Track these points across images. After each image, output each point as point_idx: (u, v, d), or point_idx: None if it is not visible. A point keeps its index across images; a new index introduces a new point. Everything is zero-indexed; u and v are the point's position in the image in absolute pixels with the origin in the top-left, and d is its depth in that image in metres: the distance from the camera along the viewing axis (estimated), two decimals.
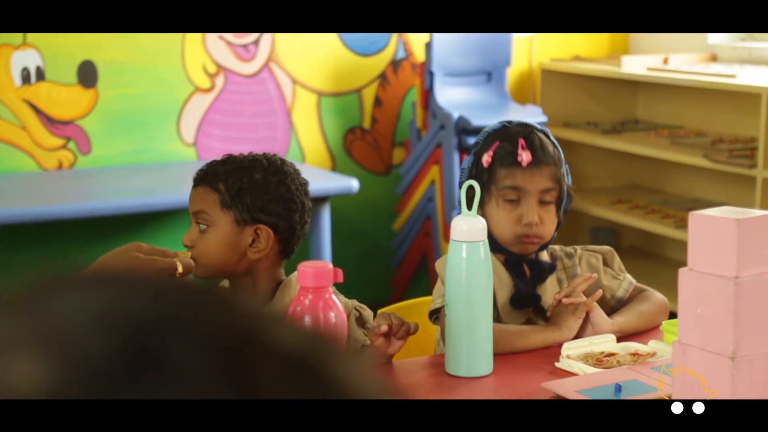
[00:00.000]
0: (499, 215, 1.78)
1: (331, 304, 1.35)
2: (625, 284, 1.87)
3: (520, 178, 1.76)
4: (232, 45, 4.00)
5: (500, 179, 1.78)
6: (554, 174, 1.79)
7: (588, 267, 1.86)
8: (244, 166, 1.73)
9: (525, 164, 1.76)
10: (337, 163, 4.22)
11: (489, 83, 4.24)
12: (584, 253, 1.89)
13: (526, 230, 1.76)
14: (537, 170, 1.77)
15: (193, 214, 1.73)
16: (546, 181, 1.78)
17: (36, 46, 3.70)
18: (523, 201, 1.77)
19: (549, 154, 1.79)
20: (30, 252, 3.73)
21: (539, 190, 1.77)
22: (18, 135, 3.72)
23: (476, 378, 1.59)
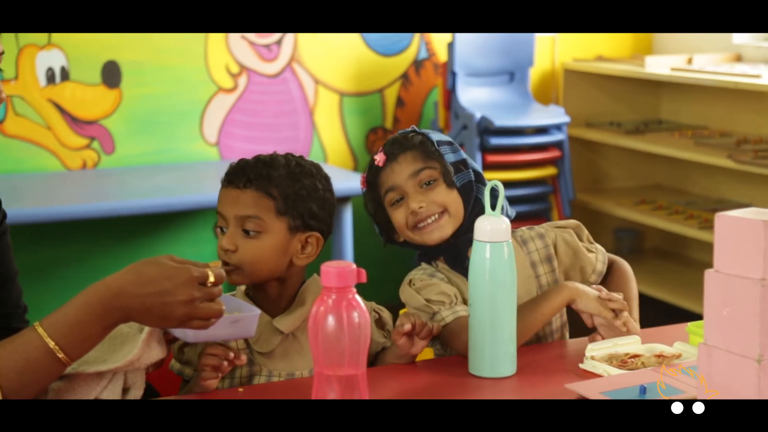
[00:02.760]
0: (395, 220, 1.77)
1: (355, 305, 1.35)
2: (601, 256, 1.84)
3: (388, 175, 1.75)
4: (255, 45, 4.01)
5: (378, 189, 1.78)
6: (418, 155, 1.75)
7: (565, 245, 1.82)
8: (295, 170, 1.68)
9: (382, 163, 1.76)
10: (359, 163, 4.22)
11: (511, 83, 4.23)
12: (556, 231, 1.84)
13: (415, 218, 1.73)
14: (398, 161, 1.75)
15: (238, 218, 1.64)
16: (412, 165, 1.74)
17: (61, 47, 3.73)
18: (405, 193, 1.75)
19: (405, 142, 1.77)
20: (54, 251, 3.76)
21: (409, 176, 1.74)
22: (43, 135, 3.74)
23: (499, 379, 1.58)
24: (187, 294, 1.37)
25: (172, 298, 1.36)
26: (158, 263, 1.39)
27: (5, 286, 1.61)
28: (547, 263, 1.81)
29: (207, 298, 1.39)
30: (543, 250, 1.81)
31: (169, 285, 1.37)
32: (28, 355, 1.35)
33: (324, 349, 1.34)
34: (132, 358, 1.43)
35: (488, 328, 1.58)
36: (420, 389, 1.59)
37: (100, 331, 1.38)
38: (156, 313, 1.37)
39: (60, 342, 1.35)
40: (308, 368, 1.67)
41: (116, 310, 1.37)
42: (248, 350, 1.66)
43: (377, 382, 1.55)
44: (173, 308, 1.37)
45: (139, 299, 1.36)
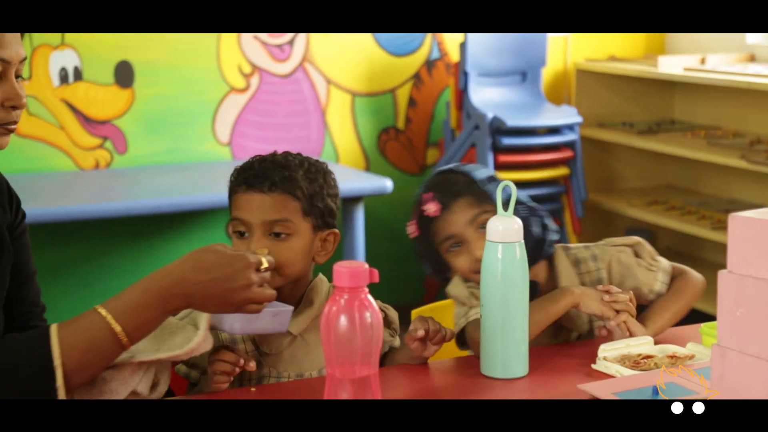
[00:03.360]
0: (458, 265, 1.75)
1: (367, 304, 1.35)
2: (661, 275, 1.81)
3: (444, 225, 1.73)
4: (267, 45, 4.02)
5: (433, 237, 1.76)
6: (472, 200, 1.73)
7: (619, 266, 1.82)
8: (311, 170, 1.68)
9: (437, 213, 1.74)
10: (371, 163, 4.23)
11: (524, 83, 4.22)
12: (612, 250, 1.83)
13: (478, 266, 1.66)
14: (451, 212, 1.73)
15: (267, 223, 1.63)
16: (468, 212, 1.73)
17: (74, 47, 3.74)
18: (464, 240, 1.73)
19: (455, 188, 1.74)
20: (66, 250, 3.77)
21: (467, 223, 1.72)
22: (56, 134, 3.76)
23: (511, 379, 1.58)
24: (245, 279, 1.41)
25: (233, 284, 1.41)
26: (216, 251, 1.43)
27: (24, 285, 1.63)
28: (593, 261, 1.81)
29: (261, 281, 1.44)
30: (594, 273, 1.81)
31: (229, 271, 1.41)
32: (91, 336, 1.38)
33: (336, 349, 1.34)
34: (193, 346, 1.46)
35: (500, 329, 1.58)
36: (432, 390, 1.59)
37: (160, 316, 1.42)
38: (217, 299, 1.41)
39: (123, 325, 1.39)
40: (317, 369, 1.67)
41: (178, 297, 1.41)
42: (256, 352, 1.66)
43: (389, 383, 1.55)
44: (233, 293, 1.41)
45: (200, 286, 1.40)
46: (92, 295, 3.76)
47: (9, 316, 1.58)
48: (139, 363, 1.45)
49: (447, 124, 4.19)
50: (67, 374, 1.37)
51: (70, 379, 1.37)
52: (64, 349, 1.37)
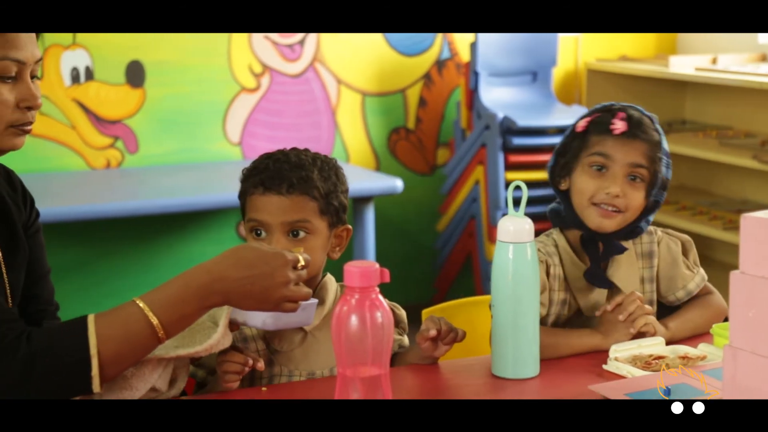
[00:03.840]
0: (582, 180, 1.75)
1: (378, 304, 1.35)
2: (698, 278, 1.83)
3: (610, 145, 1.74)
4: (278, 45, 4.02)
5: (591, 146, 1.76)
6: (648, 151, 1.75)
7: (668, 252, 1.83)
8: (324, 167, 1.68)
9: (618, 132, 1.74)
10: (381, 163, 4.23)
11: (534, 83, 4.22)
12: (664, 235, 1.85)
13: (606, 199, 1.72)
14: (630, 142, 1.74)
15: (286, 224, 1.63)
16: (637, 156, 1.74)
17: (85, 46, 3.75)
18: (610, 171, 1.73)
19: (647, 131, 1.75)
20: (78, 249, 3.78)
21: (628, 163, 1.73)
22: (67, 134, 3.77)
23: (522, 380, 1.58)
24: (283, 276, 1.43)
25: (271, 281, 1.42)
26: (254, 248, 1.44)
27: (38, 284, 1.64)
28: (648, 258, 1.82)
29: (298, 279, 1.45)
30: (647, 245, 1.82)
31: (268, 269, 1.42)
32: (128, 328, 1.39)
33: (347, 349, 1.34)
34: (212, 342, 1.47)
35: (511, 329, 1.58)
36: (443, 390, 1.59)
37: (197, 312, 1.43)
38: (255, 296, 1.42)
39: (160, 318, 1.40)
40: (328, 367, 1.67)
41: (216, 294, 1.42)
42: (267, 351, 1.67)
43: (400, 383, 1.55)
44: (271, 291, 1.42)
45: (238, 282, 1.41)
46: (104, 293, 3.77)
47: (23, 315, 1.59)
48: (158, 359, 1.46)
49: (457, 124, 4.19)
50: (102, 364, 1.38)
51: (105, 369, 1.38)
52: (100, 339, 1.38)
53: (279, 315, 1.50)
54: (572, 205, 1.78)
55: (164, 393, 1.50)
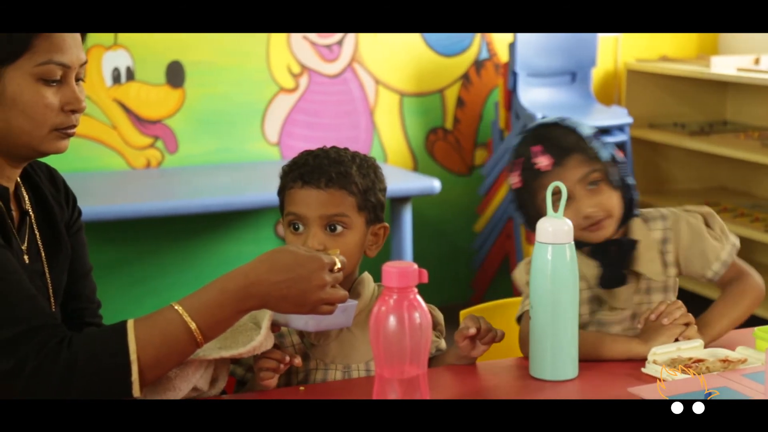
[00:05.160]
0: None
1: (416, 305, 1.35)
2: (728, 247, 1.79)
3: (553, 178, 1.68)
4: (316, 45, 4.04)
5: (537, 191, 1.73)
6: (583, 156, 1.73)
7: (689, 228, 1.79)
8: (362, 164, 1.69)
9: (548, 168, 1.72)
10: (418, 164, 4.22)
11: (573, 84, 4.19)
12: (682, 213, 1.81)
13: (588, 221, 1.72)
14: (564, 165, 1.71)
15: (324, 217, 1.64)
16: (579, 168, 1.72)
17: (126, 47, 3.79)
18: (570, 197, 1.70)
19: (565, 142, 1.73)
20: (118, 248, 3.82)
21: (578, 180, 1.72)
22: (108, 134, 3.81)
23: (561, 381, 1.57)
24: (320, 280, 1.43)
25: (308, 284, 1.42)
26: (291, 251, 1.45)
27: (80, 282, 1.66)
28: (661, 244, 1.79)
29: (335, 281, 1.45)
30: (660, 232, 1.80)
31: (304, 272, 1.42)
32: (167, 333, 1.40)
33: (385, 349, 1.34)
34: (255, 344, 1.49)
35: (550, 331, 1.57)
36: (480, 390, 1.59)
37: (234, 316, 1.43)
38: (292, 300, 1.43)
39: (198, 323, 1.41)
40: (364, 361, 1.67)
41: (253, 298, 1.42)
42: (303, 345, 1.67)
43: (438, 383, 1.55)
44: (308, 294, 1.43)
45: (276, 286, 1.42)
46: (144, 292, 3.80)
47: (65, 312, 1.61)
48: (201, 360, 1.47)
49: (495, 124, 4.17)
50: (141, 369, 1.39)
51: (144, 374, 1.39)
52: (140, 344, 1.39)
53: (319, 317, 1.51)
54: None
55: (205, 392, 1.51)
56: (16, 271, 1.42)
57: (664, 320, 1.66)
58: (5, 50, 1.45)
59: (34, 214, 1.58)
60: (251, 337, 1.49)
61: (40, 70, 1.47)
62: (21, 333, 1.36)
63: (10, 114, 1.47)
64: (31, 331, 1.37)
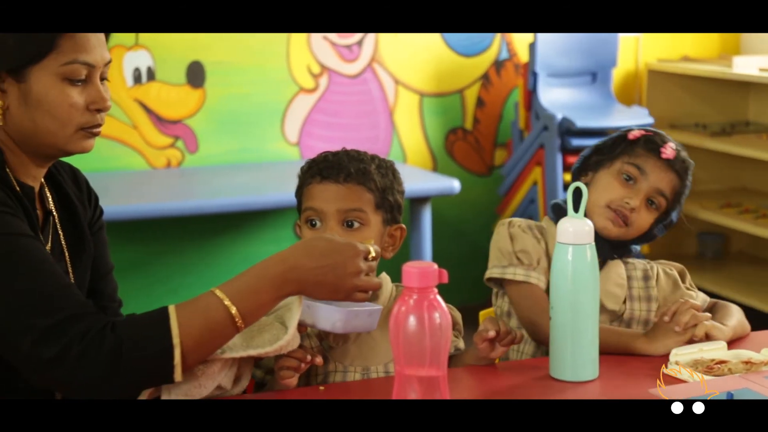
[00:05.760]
0: (608, 182, 1.81)
1: (436, 305, 1.35)
2: (701, 298, 1.87)
3: (651, 164, 1.81)
4: (336, 45, 4.04)
5: (634, 156, 1.82)
6: (676, 187, 1.83)
7: (665, 276, 1.88)
8: (381, 165, 1.70)
9: (665, 156, 1.81)
10: (438, 164, 4.22)
11: (594, 84, 4.18)
12: (658, 265, 1.90)
13: (623, 207, 1.79)
14: (667, 170, 1.81)
15: (341, 212, 1.64)
16: (666, 185, 1.82)
17: (147, 47, 3.80)
18: (638, 185, 1.80)
19: (685, 171, 1.85)
20: (139, 247, 3.84)
21: (656, 187, 1.81)
22: (129, 134, 3.82)
23: (581, 383, 1.57)
24: (355, 266, 1.46)
25: (343, 271, 1.45)
26: (327, 239, 1.48)
27: (102, 280, 1.67)
28: (642, 280, 1.86)
29: (369, 270, 1.48)
30: (641, 271, 1.87)
31: (340, 258, 1.45)
32: (208, 317, 1.42)
33: (405, 350, 1.34)
34: (282, 344, 1.50)
35: (570, 332, 1.56)
36: (500, 391, 1.58)
37: (273, 301, 1.46)
38: (328, 286, 1.45)
39: (239, 308, 1.43)
40: (383, 363, 1.67)
41: (291, 283, 1.45)
42: (321, 347, 1.68)
43: (457, 383, 1.55)
44: (344, 280, 1.45)
45: (312, 272, 1.45)
46: (165, 291, 3.82)
47: None
48: (227, 359, 1.48)
49: (515, 124, 4.16)
50: (184, 354, 1.40)
51: (186, 358, 1.41)
52: (182, 328, 1.41)
53: (348, 318, 1.52)
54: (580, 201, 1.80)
55: (228, 391, 1.52)
56: (50, 261, 1.43)
57: (676, 328, 1.66)
58: (31, 50, 1.46)
59: (58, 214, 1.59)
60: (278, 336, 1.50)
61: (65, 69, 1.47)
62: (64, 320, 1.38)
63: (36, 114, 1.48)
64: (73, 318, 1.38)
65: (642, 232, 1.83)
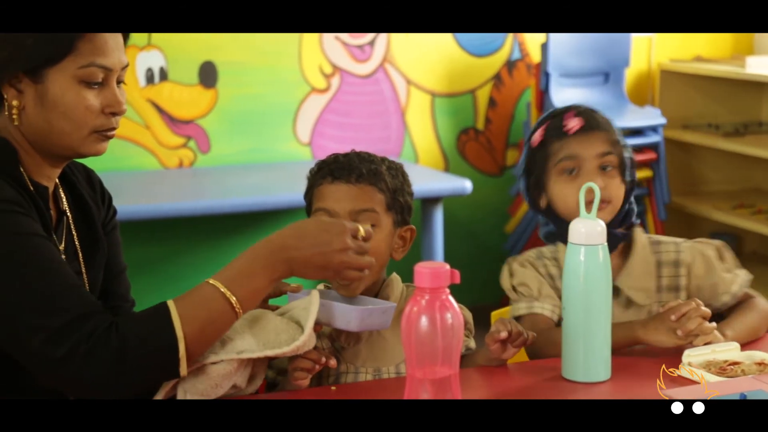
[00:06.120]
0: (559, 188, 1.77)
1: (448, 305, 1.34)
2: (740, 280, 1.81)
3: (573, 145, 1.75)
4: (348, 46, 4.04)
5: (554, 153, 1.77)
6: (608, 138, 1.78)
7: (702, 259, 1.81)
8: (392, 166, 1.71)
9: (575, 130, 1.76)
10: (450, 164, 4.22)
11: (606, 84, 4.17)
12: (695, 244, 1.83)
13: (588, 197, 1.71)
14: (589, 135, 1.76)
15: (353, 212, 1.64)
16: (601, 145, 1.76)
17: (160, 48, 3.81)
18: (583, 169, 1.75)
19: (599, 120, 1.79)
20: (151, 247, 3.85)
21: (596, 155, 1.76)
22: (142, 134, 3.83)
23: (593, 383, 1.56)
24: (341, 243, 1.47)
25: (329, 248, 1.47)
26: (314, 219, 1.52)
27: (115, 280, 1.68)
28: (673, 267, 1.81)
29: (359, 250, 1.49)
30: (673, 254, 1.82)
31: (326, 236, 1.47)
32: (208, 307, 1.44)
33: (417, 350, 1.34)
34: (299, 344, 1.50)
35: (582, 332, 1.56)
36: (512, 392, 1.58)
37: (267, 284, 1.47)
38: (315, 263, 1.47)
39: (236, 294, 1.45)
40: (394, 364, 1.67)
41: (281, 264, 1.47)
42: (333, 348, 1.68)
43: (468, 384, 1.54)
44: (330, 257, 1.47)
45: (300, 251, 1.46)
46: (176, 291, 3.78)
47: None
48: (242, 359, 1.48)
49: (527, 125, 4.16)
50: (187, 345, 1.42)
51: (190, 350, 1.42)
52: (183, 320, 1.42)
53: (363, 317, 1.53)
54: (559, 217, 1.78)
55: (243, 390, 1.52)
56: (60, 261, 1.44)
57: (672, 317, 1.63)
58: (49, 52, 1.46)
59: (72, 215, 1.60)
60: (294, 337, 1.50)
61: (82, 72, 1.48)
62: (72, 320, 1.39)
63: (51, 115, 1.49)
64: (81, 318, 1.39)
65: (622, 195, 1.77)
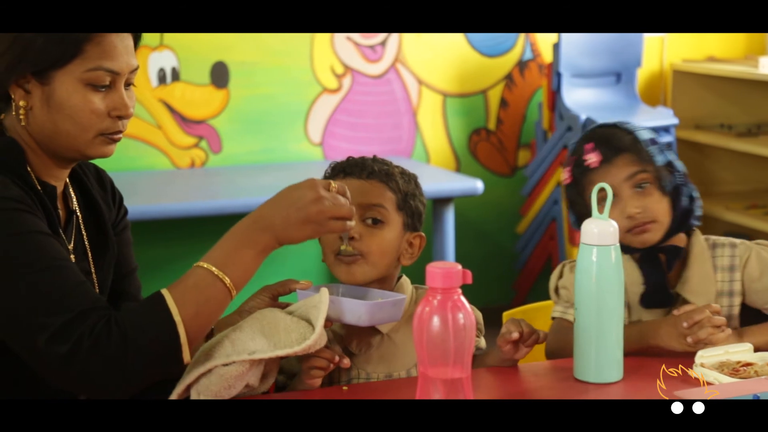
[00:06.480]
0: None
1: (460, 306, 1.34)
2: None
3: (601, 177, 1.73)
4: (360, 46, 4.04)
5: (585, 188, 1.76)
6: (634, 158, 1.76)
7: (758, 260, 1.79)
8: (405, 172, 1.72)
9: (596, 165, 1.75)
10: (461, 164, 4.21)
11: (618, 84, 4.16)
12: (754, 245, 1.82)
13: (632, 222, 1.74)
14: (613, 163, 1.75)
15: (362, 207, 1.64)
16: (628, 168, 1.75)
17: (172, 48, 3.82)
18: (617, 196, 1.73)
19: (619, 143, 1.76)
20: (163, 247, 3.85)
21: (625, 179, 1.74)
22: (154, 134, 3.84)
23: (605, 384, 1.56)
24: (315, 193, 1.48)
25: (303, 201, 1.47)
26: (287, 186, 1.52)
27: (125, 280, 1.68)
28: (728, 272, 1.79)
29: (335, 201, 1.49)
30: (728, 259, 1.80)
31: (298, 191, 1.49)
32: (202, 290, 1.45)
33: (429, 350, 1.34)
34: (310, 343, 1.50)
35: (594, 333, 1.56)
36: (524, 392, 1.58)
37: (255, 257, 1.48)
38: (294, 220, 1.47)
39: (227, 273, 1.46)
40: (405, 369, 1.67)
41: (262, 233, 1.48)
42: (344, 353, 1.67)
43: (480, 384, 1.54)
44: (307, 209, 1.47)
45: (277, 214, 1.48)
46: None
47: None
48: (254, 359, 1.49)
49: (539, 125, 4.15)
50: (186, 331, 1.42)
51: (189, 335, 1.43)
52: (180, 306, 1.42)
53: (373, 311, 1.53)
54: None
55: (256, 389, 1.52)
56: (63, 258, 1.44)
57: (684, 324, 1.63)
58: (56, 54, 1.46)
59: (82, 214, 1.60)
60: (304, 336, 1.50)
61: (89, 75, 1.48)
62: (74, 317, 1.39)
63: (58, 117, 1.49)
64: (83, 314, 1.39)
65: (669, 208, 1.76)
